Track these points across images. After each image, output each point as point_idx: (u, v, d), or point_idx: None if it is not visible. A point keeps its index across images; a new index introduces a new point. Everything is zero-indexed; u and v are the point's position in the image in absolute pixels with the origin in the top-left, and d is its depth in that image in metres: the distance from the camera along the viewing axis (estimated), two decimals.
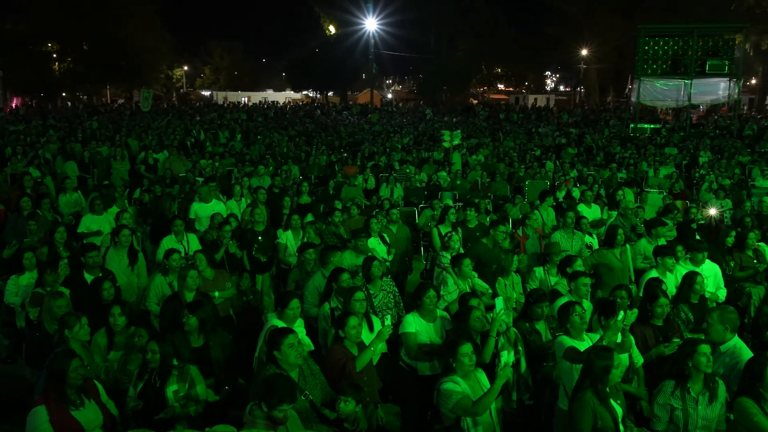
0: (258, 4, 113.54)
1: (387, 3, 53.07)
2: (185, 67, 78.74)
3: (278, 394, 4.09)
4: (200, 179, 12.58)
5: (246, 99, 66.93)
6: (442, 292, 6.79)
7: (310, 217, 9.75)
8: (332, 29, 62.61)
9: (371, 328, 5.74)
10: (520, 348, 5.61)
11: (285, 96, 72.14)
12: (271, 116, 40.08)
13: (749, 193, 14.38)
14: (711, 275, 7.40)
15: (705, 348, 4.62)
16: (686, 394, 4.64)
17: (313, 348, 5.68)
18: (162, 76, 63.10)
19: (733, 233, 8.62)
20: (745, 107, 50.26)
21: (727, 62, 30.14)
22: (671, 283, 7.10)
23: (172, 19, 67.16)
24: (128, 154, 16.41)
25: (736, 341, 5.30)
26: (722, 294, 7.37)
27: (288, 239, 8.95)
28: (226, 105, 52.74)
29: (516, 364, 5.52)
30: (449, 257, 7.31)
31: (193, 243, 8.41)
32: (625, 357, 5.33)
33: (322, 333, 6.19)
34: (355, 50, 56.48)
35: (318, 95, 68.48)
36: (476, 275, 7.13)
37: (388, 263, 8.09)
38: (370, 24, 53.71)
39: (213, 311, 5.77)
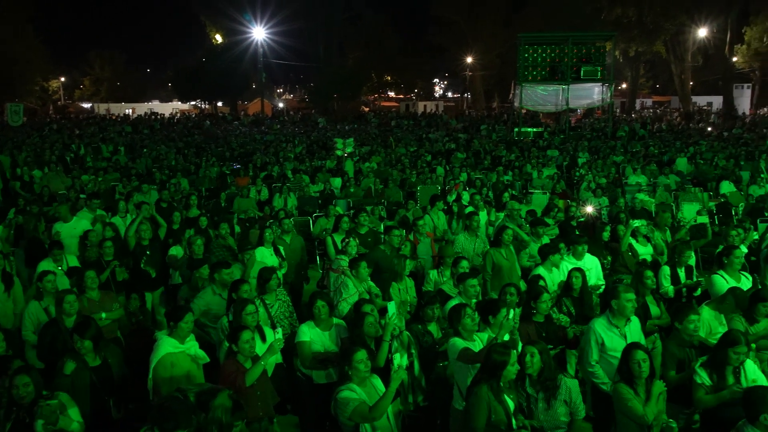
0: (140, 14, 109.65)
1: (274, 12, 52.73)
2: (62, 79, 74.73)
3: (173, 419, 3.89)
4: (83, 196, 11.96)
5: (130, 111, 64.38)
6: (344, 296, 6.80)
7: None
8: (219, 38, 61.43)
9: (263, 340, 5.68)
10: (413, 351, 5.71)
11: (172, 107, 70.03)
12: (158, 128, 38.81)
13: (623, 191, 15.39)
14: (592, 267, 7.85)
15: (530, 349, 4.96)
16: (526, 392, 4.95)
17: (208, 360, 5.56)
18: (36, 89, 59.45)
19: (608, 228, 9.20)
20: (618, 110, 53.72)
21: (599, 68, 32.11)
22: (556, 278, 7.47)
23: (46, 29, 63.32)
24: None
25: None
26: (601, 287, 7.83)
27: (179, 253, 8.71)
28: (108, 117, 50.49)
29: (410, 367, 5.61)
30: (347, 260, 7.33)
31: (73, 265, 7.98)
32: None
33: (218, 346, 6.06)
34: (244, 59, 55.72)
35: (207, 105, 66.94)
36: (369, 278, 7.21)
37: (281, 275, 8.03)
38: (258, 33, 53.14)
39: (98, 332, 5.51)
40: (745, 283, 6.90)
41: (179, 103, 72.11)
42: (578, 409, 4.90)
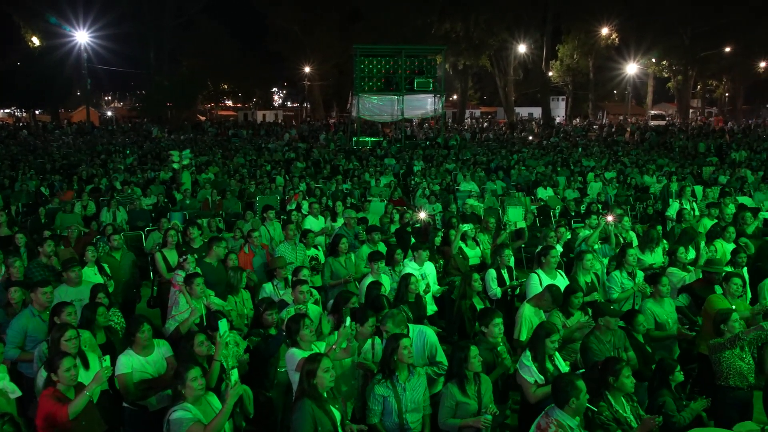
0: None
1: (99, 15, 49.38)
2: None
3: None
4: None
5: None
6: (173, 312, 6.62)
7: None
8: (36, 41, 56.56)
9: (86, 367, 5.30)
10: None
11: None
12: None
13: (455, 197, 16.20)
14: (431, 272, 8.19)
15: (406, 341, 5.09)
16: (395, 383, 5.07)
17: (20, 394, 5.08)
18: None
19: (440, 233, 9.63)
20: (450, 120, 56.51)
21: (431, 80, 33.59)
22: (388, 284, 7.67)
23: None
24: None
25: None
26: (437, 289, 8.18)
27: None
28: None
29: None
30: (183, 275, 7.08)
31: None
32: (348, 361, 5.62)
33: (36, 374, 5.57)
34: (66, 64, 51.66)
35: (24, 114, 61.41)
36: (213, 293, 7.02)
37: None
38: (81, 36, 49.52)
39: None
40: (561, 280, 7.50)
41: None
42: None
